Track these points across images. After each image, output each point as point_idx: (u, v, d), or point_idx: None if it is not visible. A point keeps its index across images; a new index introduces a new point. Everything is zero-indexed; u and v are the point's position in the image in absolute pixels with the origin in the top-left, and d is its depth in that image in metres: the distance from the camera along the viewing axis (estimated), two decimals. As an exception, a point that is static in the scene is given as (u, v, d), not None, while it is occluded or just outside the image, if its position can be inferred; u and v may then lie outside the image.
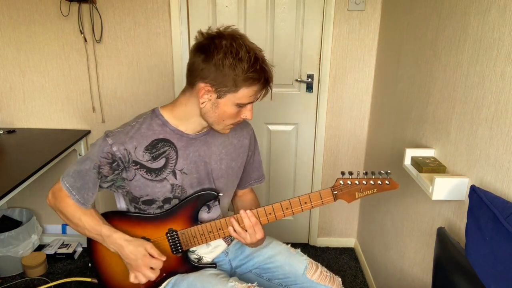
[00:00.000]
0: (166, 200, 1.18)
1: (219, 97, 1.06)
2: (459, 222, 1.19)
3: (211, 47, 1.02)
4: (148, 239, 1.20)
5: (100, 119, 2.35)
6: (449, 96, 1.27)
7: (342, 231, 2.60)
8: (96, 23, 2.17)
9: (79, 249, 2.50)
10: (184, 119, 1.14)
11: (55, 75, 2.27)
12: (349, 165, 2.43)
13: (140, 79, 2.28)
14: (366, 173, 1.12)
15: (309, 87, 2.30)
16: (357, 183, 1.12)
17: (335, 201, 1.14)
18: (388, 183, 1.11)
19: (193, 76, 1.07)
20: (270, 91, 1.11)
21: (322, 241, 2.62)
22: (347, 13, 2.14)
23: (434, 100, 1.38)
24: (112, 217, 1.23)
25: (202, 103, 1.08)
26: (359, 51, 2.21)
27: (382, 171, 1.11)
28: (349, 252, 2.56)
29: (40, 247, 2.44)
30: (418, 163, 1.28)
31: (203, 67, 1.03)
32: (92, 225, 1.16)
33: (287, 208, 1.15)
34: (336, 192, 1.13)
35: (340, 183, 1.12)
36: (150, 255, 1.14)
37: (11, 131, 2.26)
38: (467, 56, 1.16)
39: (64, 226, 2.59)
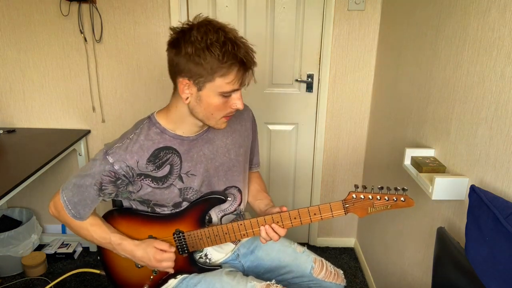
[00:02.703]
0: (176, 205, 1.18)
1: (199, 89, 1.01)
2: (459, 222, 1.19)
3: (180, 39, 0.99)
4: (154, 238, 1.21)
5: (100, 119, 2.35)
6: (449, 96, 1.27)
7: (342, 231, 2.60)
8: (96, 23, 2.17)
9: (79, 249, 2.50)
10: (179, 122, 1.12)
11: (55, 75, 2.27)
12: (349, 165, 2.44)
13: (140, 79, 2.28)
14: (381, 188, 1.08)
15: (309, 87, 2.30)
16: (370, 197, 1.08)
17: (346, 214, 1.11)
18: (403, 200, 1.06)
19: (171, 73, 1.05)
20: (252, 74, 1.03)
21: (322, 241, 2.62)
22: (347, 13, 2.14)
23: (434, 100, 1.38)
24: (119, 216, 1.23)
25: (186, 99, 1.04)
26: (359, 51, 2.21)
27: (399, 187, 1.07)
28: (349, 252, 2.56)
29: (40, 247, 2.44)
30: (418, 163, 1.28)
31: (176, 61, 1.01)
32: (101, 234, 1.17)
33: (295, 218, 1.14)
34: (347, 205, 1.10)
35: (353, 197, 1.09)
36: (161, 250, 1.16)
37: (11, 131, 2.26)
38: (467, 56, 1.16)
39: (64, 226, 2.59)
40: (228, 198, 1.25)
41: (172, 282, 1.27)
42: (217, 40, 0.96)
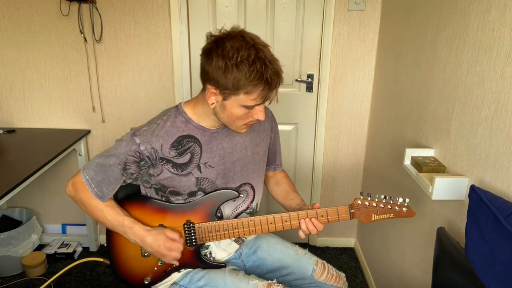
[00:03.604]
0: (191, 194, 1.21)
1: (224, 99, 1.08)
2: (459, 222, 1.19)
3: (213, 50, 1.05)
4: (164, 227, 1.23)
5: (100, 119, 2.35)
6: (449, 96, 1.27)
7: (342, 231, 2.60)
8: (96, 23, 2.17)
9: (79, 249, 2.50)
10: (204, 116, 1.18)
11: (55, 75, 2.27)
12: (349, 165, 2.44)
13: (140, 79, 2.28)
14: (385, 197, 1.14)
15: (309, 87, 2.30)
16: (375, 205, 1.15)
17: (351, 219, 1.17)
18: (405, 210, 1.13)
19: (202, 78, 1.11)
20: (275, 93, 1.11)
21: (322, 241, 2.62)
22: (347, 13, 2.14)
23: (434, 100, 1.38)
24: (131, 203, 1.25)
25: (211, 104, 1.11)
26: (359, 51, 2.21)
27: (401, 198, 1.14)
28: (349, 252, 2.56)
29: (40, 247, 2.44)
30: (418, 163, 1.28)
31: (207, 69, 1.06)
32: (114, 216, 1.19)
33: (303, 218, 1.18)
34: (353, 210, 1.16)
35: (358, 203, 1.15)
36: (171, 239, 1.18)
37: (11, 131, 2.26)
38: (467, 56, 1.16)
39: (64, 226, 2.59)
40: (241, 195, 1.27)
41: (175, 275, 1.28)
42: (247, 58, 1.01)
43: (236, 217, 1.29)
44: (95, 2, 2.12)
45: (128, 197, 1.27)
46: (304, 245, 2.60)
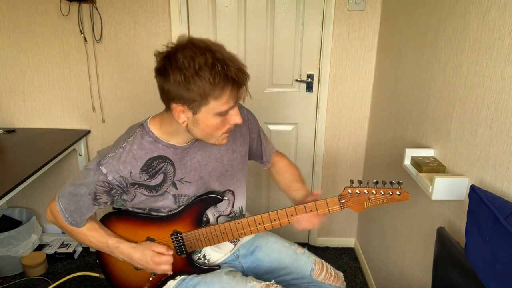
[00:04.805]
0: (171, 211, 1.18)
1: (194, 113, 1.00)
2: (459, 222, 1.19)
3: (166, 66, 0.96)
4: (152, 239, 1.21)
5: (100, 119, 2.35)
6: (449, 96, 1.27)
7: (342, 231, 2.60)
8: (96, 23, 2.17)
9: (79, 249, 2.50)
10: (174, 134, 1.10)
11: (55, 75, 2.27)
12: (349, 165, 2.44)
13: (140, 79, 2.28)
14: (376, 182, 1.08)
15: (309, 87, 2.30)
16: (366, 192, 1.09)
17: (342, 210, 1.11)
18: (399, 193, 1.07)
19: (163, 99, 1.03)
20: (246, 90, 1.02)
21: (322, 241, 2.62)
22: (347, 13, 2.14)
23: (434, 100, 1.38)
24: (116, 218, 1.23)
25: (183, 123, 1.03)
26: (359, 51, 2.21)
27: (394, 181, 1.08)
28: (349, 252, 2.56)
29: (40, 247, 2.44)
30: (418, 163, 1.28)
31: (167, 88, 0.98)
32: (98, 238, 1.18)
33: (292, 215, 1.15)
34: (343, 200, 1.10)
35: (348, 192, 1.09)
36: (158, 253, 1.16)
37: (11, 131, 2.26)
38: (467, 56, 1.16)
39: (64, 226, 2.59)
40: (225, 198, 1.24)
41: (171, 283, 1.27)
42: (205, 63, 0.93)
43: (218, 218, 1.27)
44: (95, 2, 2.12)
45: (113, 214, 1.24)
46: (304, 245, 2.59)
